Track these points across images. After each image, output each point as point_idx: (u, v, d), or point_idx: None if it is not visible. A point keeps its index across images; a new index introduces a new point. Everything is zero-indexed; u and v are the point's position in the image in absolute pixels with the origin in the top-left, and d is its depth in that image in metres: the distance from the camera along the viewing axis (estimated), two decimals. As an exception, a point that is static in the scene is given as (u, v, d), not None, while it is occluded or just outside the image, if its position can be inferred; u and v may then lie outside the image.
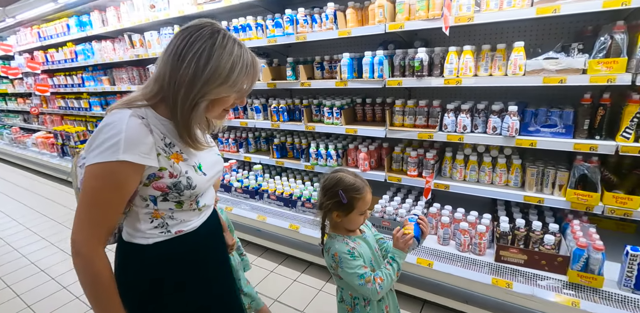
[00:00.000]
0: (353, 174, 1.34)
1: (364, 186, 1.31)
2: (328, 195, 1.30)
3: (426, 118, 2.32)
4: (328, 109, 2.65)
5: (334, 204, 1.28)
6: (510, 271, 1.92)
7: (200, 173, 1.07)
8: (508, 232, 2.00)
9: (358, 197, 1.28)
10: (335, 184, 1.29)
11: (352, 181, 1.29)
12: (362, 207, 1.31)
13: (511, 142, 1.97)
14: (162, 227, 1.06)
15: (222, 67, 0.93)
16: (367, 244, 1.38)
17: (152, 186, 0.98)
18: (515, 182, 2.12)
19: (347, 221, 1.32)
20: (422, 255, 2.15)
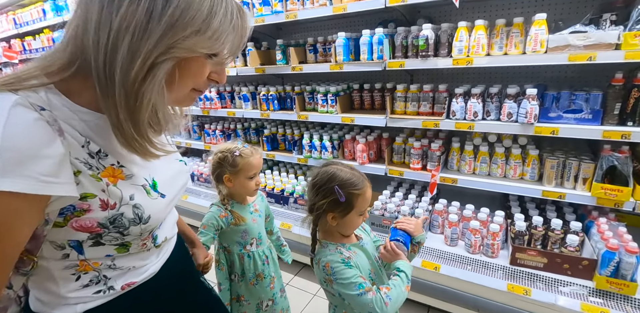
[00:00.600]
0: (348, 167, 1.11)
1: (363, 180, 1.08)
2: (321, 194, 1.06)
3: (431, 104, 2.08)
4: (322, 96, 2.40)
5: (330, 204, 1.05)
6: (527, 276, 1.71)
7: (156, 195, 0.71)
8: (524, 231, 1.77)
9: (357, 193, 1.05)
10: (329, 180, 1.06)
11: (348, 176, 1.07)
12: (363, 205, 1.08)
13: (529, 130, 1.74)
14: (99, 283, 0.71)
15: (196, 6, 0.57)
16: (365, 253, 1.15)
17: (71, 227, 0.61)
18: (532, 175, 1.89)
19: (344, 224, 1.09)
20: (427, 257, 1.93)
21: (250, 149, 1.49)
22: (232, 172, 1.45)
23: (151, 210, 0.69)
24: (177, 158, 0.85)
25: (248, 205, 1.58)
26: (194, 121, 3.40)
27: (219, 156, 1.48)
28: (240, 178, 1.47)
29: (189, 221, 3.08)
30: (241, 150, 1.46)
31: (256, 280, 1.59)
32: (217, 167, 1.49)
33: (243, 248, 1.56)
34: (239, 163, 1.44)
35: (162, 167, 0.76)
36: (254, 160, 1.46)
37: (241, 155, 1.45)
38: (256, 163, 1.47)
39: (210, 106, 3.00)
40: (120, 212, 0.64)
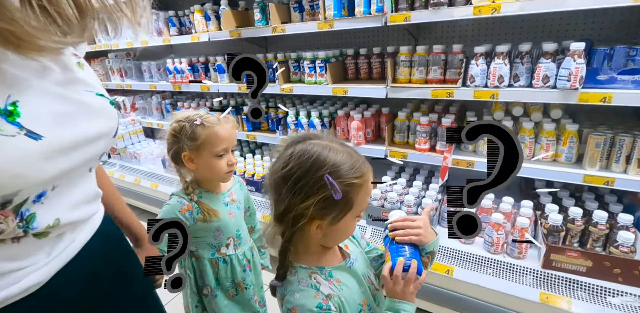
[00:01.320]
0: (337, 141, 0.72)
1: (362, 161, 0.70)
2: (303, 192, 0.64)
3: (443, 69, 1.68)
4: (309, 63, 1.99)
5: (318, 206, 0.64)
6: (565, 283, 1.35)
7: (13, 129, 0.43)
8: (560, 226, 1.41)
9: (359, 183, 0.67)
10: (312, 167, 0.65)
11: (342, 157, 0.67)
12: (364, 202, 0.71)
13: (572, 97, 1.35)
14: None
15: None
16: (354, 276, 0.78)
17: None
18: (569, 156, 1.51)
19: (332, 233, 0.70)
20: (438, 257, 1.57)
21: (216, 116, 1.11)
22: (193, 148, 1.07)
23: (5, 155, 0.41)
24: (91, 90, 0.57)
25: (222, 194, 1.20)
26: (167, 99, 2.98)
27: (174, 128, 1.09)
28: (204, 156, 1.09)
29: (161, 212, 2.71)
30: (203, 118, 1.08)
31: (236, 290, 1.23)
32: (172, 142, 1.10)
33: (216, 251, 1.18)
34: (199, 135, 1.06)
35: (47, 92, 0.48)
36: (221, 130, 1.08)
37: (203, 124, 1.06)
38: (225, 134, 1.09)
39: (182, 79, 2.58)
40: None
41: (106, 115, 0.58)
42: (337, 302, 0.69)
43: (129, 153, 2.93)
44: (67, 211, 0.56)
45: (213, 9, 2.32)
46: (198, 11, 2.34)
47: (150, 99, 3.08)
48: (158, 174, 2.73)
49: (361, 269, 0.80)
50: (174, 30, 2.58)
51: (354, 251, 0.83)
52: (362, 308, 0.74)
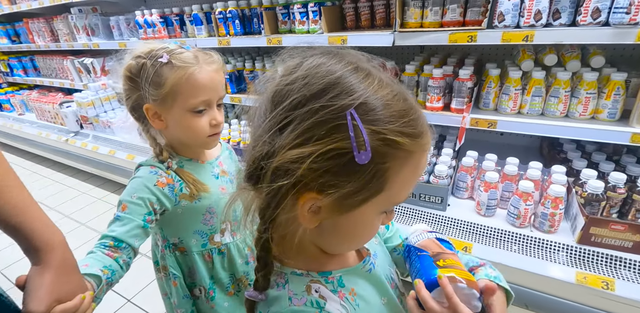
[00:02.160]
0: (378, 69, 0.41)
1: (421, 116, 0.40)
2: (304, 126, 0.36)
3: (463, 8, 1.38)
4: (300, 7, 1.66)
5: (321, 163, 0.36)
6: (607, 262, 1.15)
7: None
8: (601, 195, 1.19)
9: (407, 147, 0.37)
10: (329, 88, 0.36)
11: (388, 95, 0.38)
12: (403, 188, 0.41)
13: (629, 37, 1.08)
14: None
15: None
16: (375, 284, 0.53)
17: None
18: (612, 112, 1.27)
19: (334, 228, 0.44)
20: (452, 232, 1.36)
21: (193, 52, 0.79)
22: (157, 99, 0.76)
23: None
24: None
25: (208, 164, 0.91)
26: (141, 60, 2.63)
27: (130, 67, 0.78)
28: (175, 110, 0.77)
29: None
30: (173, 53, 0.75)
31: (237, 287, 0.97)
32: (129, 89, 0.80)
33: (209, 240, 0.91)
34: (166, 80, 0.74)
35: None
36: (200, 73, 0.76)
37: (172, 62, 0.74)
38: (205, 78, 0.77)
39: (154, 34, 2.23)
40: None
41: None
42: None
43: (102, 122, 2.63)
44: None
45: (184, -54, 1.94)
46: (166, -52, 1.96)
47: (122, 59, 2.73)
48: (134, 144, 2.45)
49: (384, 270, 0.55)
50: (141, -25, 2.20)
51: (371, 242, 0.58)
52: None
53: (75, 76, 2.97)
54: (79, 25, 2.72)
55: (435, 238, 0.57)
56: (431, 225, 1.41)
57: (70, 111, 2.77)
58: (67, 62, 2.97)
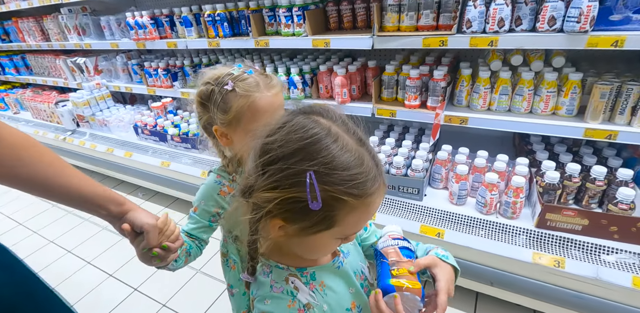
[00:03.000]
0: (354, 134, 0.52)
1: (375, 175, 0.51)
2: (275, 178, 0.49)
3: (436, 13, 1.48)
4: (285, 11, 1.75)
5: (283, 203, 0.49)
6: (560, 243, 1.31)
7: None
8: (557, 184, 1.34)
9: (353, 202, 0.49)
10: (299, 151, 0.48)
11: (350, 159, 0.48)
12: (355, 226, 0.54)
13: (580, 42, 1.20)
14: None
15: None
16: (343, 277, 0.66)
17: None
18: (570, 109, 1.40)
19: (300, 243, 0.57)
20: (426, 220, 1.51)
21: (255, 77, 0.83)
22: (224, 122, 0.83)
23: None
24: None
25: None
26: (133, 59, 2.70)
27: (201, 92, 0.85)
28: (239, 132, 0.84)
29: (138, 182, 2.58)
30: (236, 79, 0.81)
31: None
32: (201, 111, 0.87)
33: None
34: (232, 106, 0.80)
35: None
36: (261, 99, 0.81)
37: (235, 89, 0.80)
38: (266, 104, 0.82)
39: (145, 35, 2.30)
40: None
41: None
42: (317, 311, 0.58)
43: (98, 121, 2.71)
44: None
45: (171, -51, 2.00)
46: (153, -49, 2.01)
47: (114, 59, 2.79)
48: (131, 142, 2.55)
49: (353, 266, 0.68)
50: (130, -23, 2.25)
51: (347, 245, 0.71)
52: (350, 311, 0.64)
53: (69, 74, 3.02)
54: (70, 25, 2.77)
55: (397, 247, 0.68)
56: (409, 213, 1.55)
57: (66, 110, 2.84)
58: (59, 61, 3.01)
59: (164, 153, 2.36)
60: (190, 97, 0.77)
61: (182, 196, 2.41)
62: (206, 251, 0.97)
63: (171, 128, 2.31)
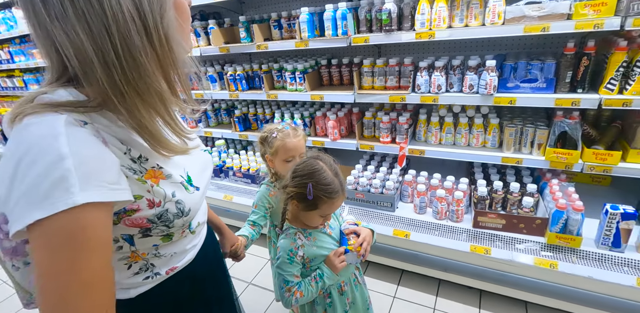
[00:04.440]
0: (335, 170, 1.10)
1: (339, 190, 1.07)
2: (295, 182, 1.08)
3: (398, 78, 2.11)
4: (290, 74, 2.38)
5: (297, 194, 1.07)
6: (488, 237, 1.86)
7: (193, 189, 0.75)
8: (485, 196, 1.91)
9: (326, 200, 1.06)
10: (308, 175, 1.06)
11: (329, 181, 1.05)
12: (327, 211, 1.10)
13: (489, 100, 1.81)
14: (147, 270, 0.77)
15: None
16: (329, 237, 1.22)
17: (123, 224, 0.65)
18: (493, 143, 1.99)
19: (305, 216, 1.14)
20: (398, 225, 2.05)
21: (289, 131, 1.45)
22: (271, 153, 1.45)
23: (190, 203, 0.74)
24: (202, 148, 0.87)
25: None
26: (163, 104, 3.30)
27: (261, 136, 1.49)
28: (278, 159, 1.45)
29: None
30: (279, 131, 1.44)
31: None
32: (260, 147, 1.51)
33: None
34: (274, 145, 1.42)
35: (193, 161, 0.80)
36: (289, 143, 1.41)
37: (277, 137, 1.43)
38: (292, 146, 1.42)
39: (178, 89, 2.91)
40: (166, 208, 0.69)
41: (210, 161, 0.89)
42: (306, 250, 1.14)
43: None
44: (201, 216, 0.88)
45: (202, 26, 2.65)
46: (189, 28, 2.66)
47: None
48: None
49: (336, 234, 1.24)
50: (167, 44, 2.90)
51: (334, 223, 1.27)
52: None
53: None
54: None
55: (353, 228, 1.25)
56: (385, 221, 2.10)
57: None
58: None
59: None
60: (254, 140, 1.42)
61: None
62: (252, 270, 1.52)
63: (198, 160, 2.87)
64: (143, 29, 0.57)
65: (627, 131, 1.77)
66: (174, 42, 0.62)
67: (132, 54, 0.57)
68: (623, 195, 2.02)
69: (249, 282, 2.33)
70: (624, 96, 1.57)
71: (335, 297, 1.24)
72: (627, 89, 1.57)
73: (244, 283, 2.33)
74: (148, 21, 0.58)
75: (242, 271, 2.39)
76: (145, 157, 0.67)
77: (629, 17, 1.42)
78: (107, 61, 0.55)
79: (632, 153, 1.66)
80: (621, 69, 1.55)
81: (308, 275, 1.17)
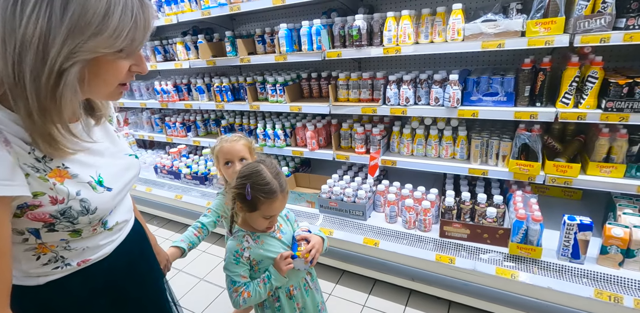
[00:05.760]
0: (276, 172, 1.14)
1: (277, 191, 1.11)
2: (236, 183, 1.12)
3: (371, 91, 2.20)
4: (271, 86, 2.48)
5: (238, 195, 1.11)
6: (454, 247, 1.88)
7: (102, 189, 0.79)
8: (453, 206, 1.94)
9: (264, 200, 1.10)
10: (247, 176, 1.11)
11: (267, 181, 1.10)
12: (267, 212, 1.13)
13: (453, 113, 1.87)
14: (57, 262, 0.80)
15: (92, 9, 0.60)
16: (278, 241, 1.25)
17: (26, 218, 0.70)
18: (462, 154, 2.04)
19: (250, 218, 1.18)
20: (368, 234, 2.09)
21: (229, 137, 1.51)
22: (214, 159, 1.52)
23: (97, 202, 0.77)
24: (126, 153, 0.92)
25: None
26: (156, 114, 3.44)
27: (212, 146, 1.56)
28: (220, 164, 1.50)
29: (155, 212, 3.17)
30: (222, 138, 1.51)
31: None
32: (212, 156, 1.57)
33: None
34: (215, 150, 1.49)
35: (109, 163, 0.84)
36: (225, 147, 1.46)
37: (218, 142, 1.49)
38: (227, 149, 1.46)
39: (168, 98, 3.04)
40: (69, 205, 0.73)
41: (134, 165, 0.94)
42: (252, 252, 1.19)
43: (125, 162, 3.37)
44: (121, 215, 0.91)
45: (192, 40, 2.80)
46: (179, 43, 2.81)
47: (141, 114, 3.53)
48: (151, 180, 3.19)
49: (287, 239, 1.28)
50: (160, 57, 3.05)
51: (286, 229, 1.31)
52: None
53: (102, 125, 3.74)
54: (108, 87, 3.54)
55: (302, 235, 1.28)
56: (356, 229, 2.14)
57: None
58: (95, 114, 3.75)
59: (178, 188, 2.99)
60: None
61: (190, 223, 2.99)
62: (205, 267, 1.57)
63: (184, 168, 2.97)
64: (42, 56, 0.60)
65: (589, 144, 1.81)
66: (63, 89, 0.63)
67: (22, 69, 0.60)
68: (592, 208, 2.04)
69: (201, 277, 2.50)
70: (578, 110, 1.62)
71: (283, 300, 1.28)
72: (582, 103, 1.62)
73: (196, 278, 2.49)
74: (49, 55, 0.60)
75: (195, 267, 2.61)
76: (50, 157, 0.71)
77: (577, 34, 1.49)
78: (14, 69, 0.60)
79: (592, 165, 1.69)
80: (574, 84, 1.61)
81: (257, 278, 1.21)
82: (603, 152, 1.69)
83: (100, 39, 0.63)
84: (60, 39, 0.60)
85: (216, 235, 2.92)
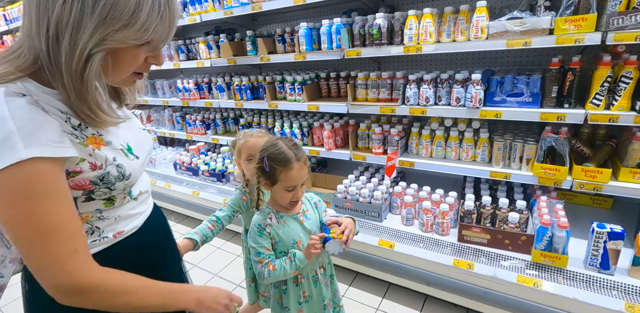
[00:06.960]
0: (292, 143, 1.18)
1: (291, 159, 1.13)
2: (258, 159, 1.19)
3: (390, 90, 2.16)
4: (290, 85, 2.48)
5: (259, 169, 1.17)
6: (472, 252, 1.81)
7: (133, 157, 0.84)
8: (473, 210, 1.87)
9: (280, 169, 1.13)
10: (265, 149, 1.17)
11: (281, 150, 1.13)
12: (286, 182, 1.15)
13: (475, 114, 1.82)
14: (93, 234, 0.82)
15: (123, 3, 0.65)
16: (300, 225, 1.24)
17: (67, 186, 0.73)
18: (483, 157, 1.97)
19: (274, 193, 1.21)
20: (384, 236, 2.04)
21: (253, 132, 1.52)
22: (236, 154, 1.51)
23: (130, 168, 0.82)
24: (140, 127, 0.97)
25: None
26: (177, 112, 3.51)
27: (232, 141, 1.57)
28: (242, 160, 1.50)
29: (173, 207, 3.23)
30: (245, 133, 1.51)
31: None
32: (232, 151, 1.59)
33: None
34: (238, 145, 1.50)
35: (132, 135, 0.90)
36: (250, 141, 1.47)
37: (241, 138, 1.49)
38: (252, 144, 1.46)
39: (189, 97, 3.10)
40: (107, 171, 0.77)
41: (149, 138, 1.01)
42: (272, 231, 1.19)
43: (146, 159, 3.45)
44: (143, 186, 0.94)
45: (214, 40, 2.84)
46: (202, 42, 2.86)
47: (163, 112, 3.61)
48: (170, 176, 3.25)
49: (310, 225, 1.26)
50: (183, 56, 3.11)
51: (311, 214, 1.30)
52: (294, 244, 1.21)
53: (126, 122, 3.85)
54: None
55: (334, 219, 1.26)
56: (372, 231, 2.10)
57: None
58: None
59: (195, 185, 3.03)
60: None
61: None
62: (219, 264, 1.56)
63: (203, 165, 3.01)
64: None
65: (620, 149, 1.72)
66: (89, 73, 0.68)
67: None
68: (623, 218, 1.92)
69: (215, 273, 2.52)
70: (610, 112, 1.54)
71: (289, 285, 1.28)
72: (614, 104, 1.54)
73: (210, 274, 2.51)
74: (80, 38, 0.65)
75: (210, 263, 2.62)
76: (85, 125, 0.75)
77: (610, 32, 1.41)
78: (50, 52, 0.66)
79: (624, 171, 1.60)
80: (606, 84, 1.53)
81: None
82: (637, 157, 1.59)
83: (130, 31, 0.68)
84: (91, 27, 0.64)
85: (231, 232, 2.94)
